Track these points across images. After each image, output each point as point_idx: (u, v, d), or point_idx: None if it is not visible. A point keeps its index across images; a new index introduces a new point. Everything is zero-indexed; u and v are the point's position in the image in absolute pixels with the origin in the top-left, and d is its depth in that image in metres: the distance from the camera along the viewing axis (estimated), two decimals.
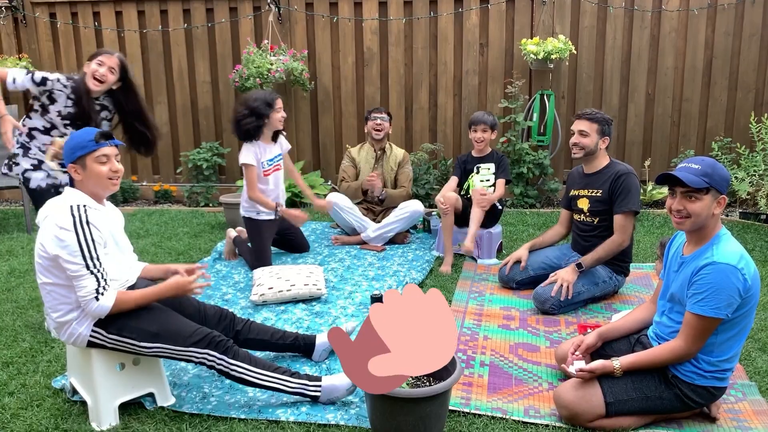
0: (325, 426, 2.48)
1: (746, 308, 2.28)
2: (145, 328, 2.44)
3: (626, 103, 6.18)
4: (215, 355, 2.49)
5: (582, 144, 3.63)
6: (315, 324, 3.42)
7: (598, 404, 2.38)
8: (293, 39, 6.36)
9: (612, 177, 3.60)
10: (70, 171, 2.44)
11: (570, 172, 3.95)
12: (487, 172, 4.61)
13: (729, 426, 2.45)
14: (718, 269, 2.22)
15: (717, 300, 2.22)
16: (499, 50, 6.17)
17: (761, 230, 5.09)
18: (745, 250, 2.31)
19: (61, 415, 2.58)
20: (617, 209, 3.56)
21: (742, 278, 2.22)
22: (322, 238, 5.15)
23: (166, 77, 6.61)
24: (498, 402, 2.64)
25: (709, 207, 2.28)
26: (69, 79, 3.42)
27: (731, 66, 5.99)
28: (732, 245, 2.29)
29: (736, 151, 5.64)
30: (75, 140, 2.42)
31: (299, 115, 6.51)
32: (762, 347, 3.11)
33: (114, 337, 2.44)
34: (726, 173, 2.30)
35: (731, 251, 2.25)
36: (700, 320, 2.25)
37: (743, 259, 2.25)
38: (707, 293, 2.23)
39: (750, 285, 2.24)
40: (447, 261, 4.37)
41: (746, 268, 2.24)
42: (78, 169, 2.42)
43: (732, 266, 2.21)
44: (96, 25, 6.54)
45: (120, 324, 2.43)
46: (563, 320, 3.51)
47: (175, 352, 2.48)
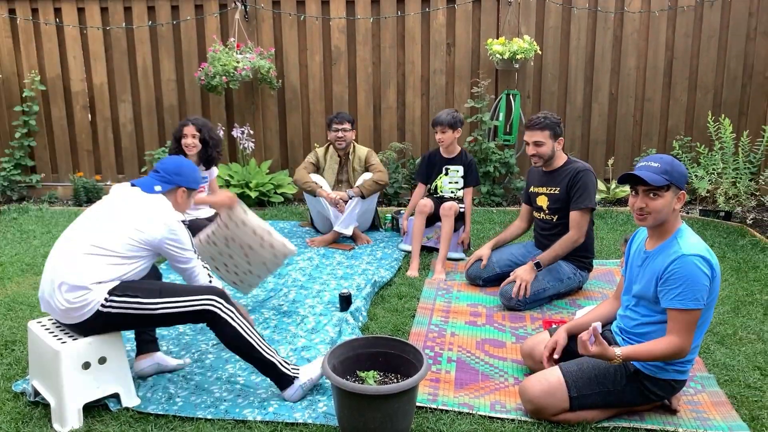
0: (292, 425, 2.47)
1: (708, 300, 2.34)
2: (148, 287, 2.56)
3: (590, 102, 6.28)
4: (219, 300, 2.60)
5: (539, 153, 3.67)
6: (283, 324, 3.41)
7: (563, 398, 2.42)
8: (260, 37, 6.32)
9: (570, 175, 3.66)
10: (179, 191, 2.76)
11: (530, 168, 4.00)
12: (456, 174, 4.64)
13: (689, 417, 2.51)
14: (688, 261, 2.27)
15: (694, 291, 2.27)
16: (465, 50, 6.22)
17: (720, 227, 5.23)
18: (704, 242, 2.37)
19: (22, 419, 2.53)
20: (573, 206, 3.62)
21: (710, 268, 2.29)
22: (290, 236, 5.13)
23: (130, 75, 6.50)
24: (465, 397, 2.67)
25: (670, 203, 2.34)
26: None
27: (691, 67, 6.14)
28: (695, 238, 2.36)
29: (696, 150, 5.78)
30: (196, 175, 2.83)
31: (266, 113, 6.47)
32: (720, 340, 3.19)
33: (121, 299, 2.49)
34: (683, 169, 2.36)
35: (696, 243, 2.32)
36: (683, 314, 2.29)
37: (708, 250, 2.33)
38: (683, 287, 2.28)
39: (715, 274, 2.31)
40: (413, 266, 4.31)
41: (712, 258, 2.31)
42: (184, 197, 2.80)
43: (700, 257, 2.28)
44: (57, 21, 6.40)
45: (125, 286, 2.53)
46: (528, 316, 3.56)
47: (180, 304, 2.56)
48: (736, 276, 4.09)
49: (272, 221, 5.60)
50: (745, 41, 6.01)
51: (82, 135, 6.62)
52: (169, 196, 2.73)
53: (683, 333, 2.30)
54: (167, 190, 2.72)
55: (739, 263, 4.32)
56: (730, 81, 6.10)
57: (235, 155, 6.53)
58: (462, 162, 4.63)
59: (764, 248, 4.63)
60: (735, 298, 3.72)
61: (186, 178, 2.78)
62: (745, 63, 6.05)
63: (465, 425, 2.46)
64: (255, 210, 6.00)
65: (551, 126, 3.63)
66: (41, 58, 6.49)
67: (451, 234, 4.35)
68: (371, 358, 2.59)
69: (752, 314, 3.51)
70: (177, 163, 2.77)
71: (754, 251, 4.58)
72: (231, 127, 6.34)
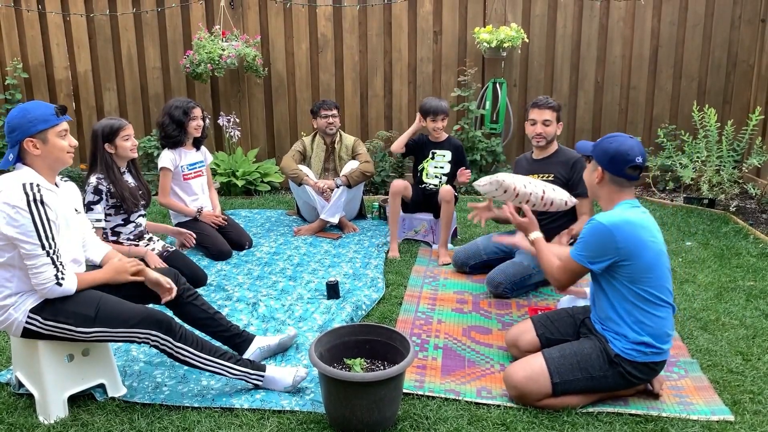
0: (279, 412, 2.48)
1: (634, 271, 2.38)
2: (82, 312, 2.36)
3: (576, 90, 6.30)
4: (159, 335, 2.44)
5: (545, 133, 3.70)
6: (271, 311, 3.41)
7: (545, 384, 2.45)
8: (246, 24, 6.27)
9: (566, 162, 3.69)
10: (27, 146, 2.31)
11: (518, 158, 4.01)
12: (442, 159, 4.64)
13: (672, 402, 2.55)
14: (591, 225, 2.44)
15: (582, 248, 2.46)
16: (452, 38, 6.21)
17: (704, 214, 5.28)
18: (638, 219, 2.41)
19: (7, 410, 2.52)
20: (583, 192, 3.52)
21: (609, 236, 2.37)
22: (278, 225, 5.12)
23: (114, 63, 6.43)
24: (451, 384, 2.69)
25: (590, 174, 2.54)
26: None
27: (676, 55, 6.16)
28: (619, 211, 2.44)
29: (681, 138, 5.82)
30: (34, 113, 2.30)
31: (253, 101, 6.43)
32: (703, 326, 3.24)
33: (51, 324, 2.35)
34: (612, 149, 2.44)
35: (612, 214, 2.43)
36: (568, 260, 2.52)
37: (622, 221, 2.39)
38: (580, 242, 2.48)
39: (621, 246, 2.36)
40: (393, 247, 4.39)
41: (618, 229, 2.37)
42: (38, 144, 2.32)
43: (601, 224, 2.39)
44: (40, 8, 6.31)
45: (55, 309, 2.34)
46: (514, 303, 3.58)
47: (115, 335, 2.41)
48: (719, 263, 4.14)
49: (259, 210, 5.59)
50: (730, 29, 6.04)
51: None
52: (26, 160, 2.34)
53: (561, 271, 2.57)
54: (18, 153, 2.33)
55: (722, 250, 4.37)
56: (715, 69, 6.13)
57: (221, 144, 6.50)
58: (450, 147, 4.63)
59: (747, 235, 4.68)
60: (718, 285, 3.77)
61: (23, 126, 2.29)
62: (730, 51, 6.09)
63: (451, 411, 2.48)
64: (242, 199, 5.98)
65: (558, 109, 3.71)
66: (24, 46, 6.39)
67: (452, 218, 4.37)
68: (358, 345, 2.60)
69: (735, 300, 3.55)
70: (9, 118, 2.31)
71: (737, 238, 4.63)
72: (217, 116, 6.30)
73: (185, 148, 4.45)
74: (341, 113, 6.14)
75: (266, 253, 4.42)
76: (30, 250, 2.24)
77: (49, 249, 2.27)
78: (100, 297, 2.43)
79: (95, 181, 3.48)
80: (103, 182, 3.49)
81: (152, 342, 2.45)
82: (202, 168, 4.55)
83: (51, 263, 2.28)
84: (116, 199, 3.53)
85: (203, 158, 4.59)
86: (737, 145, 5.37)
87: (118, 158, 3.58)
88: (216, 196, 4.70)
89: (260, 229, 5.00)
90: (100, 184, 3.48)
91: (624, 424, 2.40)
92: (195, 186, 4.47)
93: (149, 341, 2.44)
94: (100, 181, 3.48)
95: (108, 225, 3.61)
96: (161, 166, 4.35)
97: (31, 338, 2.39)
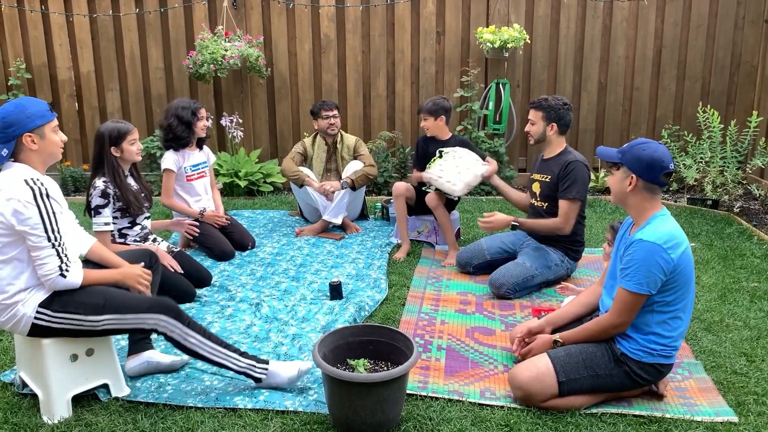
0: (283, 413, 2.48)
1: (676, 288, 2.36)
2: (91, 301, 2.40)
3: (579, 91, 6.29)
4: (168, 320, 2.45)
5: (530, 132, 3.77)
6: (274, 312, 3.41)
7: (551, 384, 2.44)
8: (248, 25, 6.27)
9: (561, 164, 3.68)
10: (25, 141, 2.32)
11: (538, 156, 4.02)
12: None
13: (676, 403, 2.54)
14: (643, 247, 2.33)
15: (639, 276, 2.33)
16: (455, 38, 6.21)
17: (707, 215, 5.27)
18: (679, 232, 2.38)
19: (11, 409, 2.52)
20: (560, 194, 3.64)
21: (667, 257, 2.31)
22: (280, 226, 5.12)
23: (117, 64, 6.44)
24: (455, 385, 2.68)
25: (620, 181, 2.43)
26: None
27: (679, 56, 6.16)
28: (664, 225, 2.37)
29: (684, 138, 5.81)
30: (31, 109, 2.33)
31: (256, 102, 6.44)
32: (707, 327, 3.23)
33: (60, 316, 2.37)
34: (646, 156, 2.36)
35: (661, 231, 2.34)
36: (625, 294, 2.37)
37: (672, 239, 2.33)
38: (632, 269, 2.35)
39: (675, 265, 2.32)
40: (403, 249, 4.39)
41: (673, 248, 2.32)
42: (35, 139, 2.34)
43: (657, 245, 2.31)
44: (43, 9, 6.32)
45: (63, 301, 2.38)
46: (518, 304, 3.58)
47: (126, 322, 2.43)
48: (723, 264, 4.13)
49: (262, 210, 5.59)
50: (733, 30, 6.03)
51: (69, 124, 6.55)
52: (20, 156, 2.35)
53: (619, 312, 2.40)
54: (13, 149, 2.33)
55: (726, 251, 4.36)
56: (718, 70, 6.12)
57: (224, 144, 6.50)
58: (455, 144, 4.59)
59: (751, 236, 4.67)
60: (722, 286, 3.76)
61: (21, 121, 2.30)
62: (733, 52, 6.08)
63: (455, 412, 2.48)
64: (244, 199, 5.98)
65: (545, 108, 3.68)
66: (27, 46, 6.40)
67: (448, 220, 4.33)
68: (361, 346, 2.59)
69: (739, 301, 3.54)
70: (4, 114, 2.30)
71: (740, 239, 4.62)
72: (219, 116, 6.30)
73: (189, 149, 4.44)
74: (344, 114, 6.14)
75: (269, 254, 4.42)
76: (36, 242, 2.28)
77: (55, 241, 2.31)
78: (106, 288, 2.49)
79: (102, 184, 3.46)
80: (110, 186, 3.48)
81: (161, 328, 2.46)
82: (205, 169, 4.54)
83: (56, 254, 2.32)
84: (122, 203, 3.53)
85: (206, 159, 4.58)
86: (740, 146, 5.36)
87: (123, 161, 3.57)
88: (219, 197, 4.69)
89: (263, 230, 5.00)
90: (107, 187, 3.47)
91: (628, 425, 2.39)
92: (198, 187, 4.47)
93: (158, 327, 2.46)
94: (107, 184, 3.47)
95: (115, 228, 3.61)
96: (165, 168, 4.34)
97: (40, 335, 2.40)
